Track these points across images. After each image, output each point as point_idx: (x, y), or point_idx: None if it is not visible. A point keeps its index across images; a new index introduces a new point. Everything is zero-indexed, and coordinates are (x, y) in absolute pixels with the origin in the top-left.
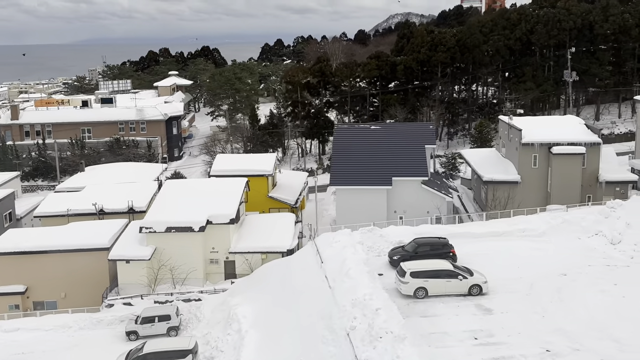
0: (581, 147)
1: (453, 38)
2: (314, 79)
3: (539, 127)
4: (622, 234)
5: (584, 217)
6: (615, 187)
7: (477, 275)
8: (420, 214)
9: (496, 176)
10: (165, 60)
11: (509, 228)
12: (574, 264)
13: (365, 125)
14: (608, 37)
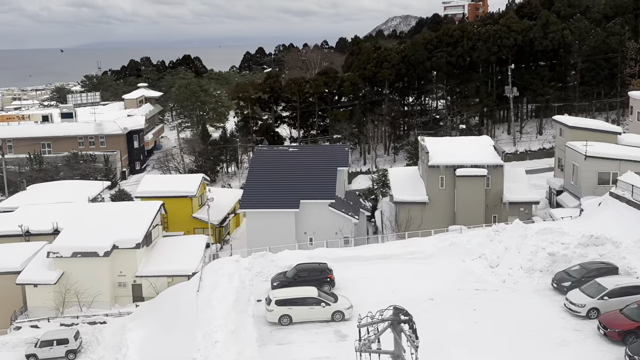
0: (484, 169)
1: (398, 55)
2: (264, 95)
3: (448, 148)
4: (501, 257)
5: (470, 240)
6: (520, 207)
7: (342, 301)
8: (329, 235)
9: (405, 197)
10: (146, 69)
11: (399, 251)
12: (445, 288)
13: (283, 148)
14: (548, 53)
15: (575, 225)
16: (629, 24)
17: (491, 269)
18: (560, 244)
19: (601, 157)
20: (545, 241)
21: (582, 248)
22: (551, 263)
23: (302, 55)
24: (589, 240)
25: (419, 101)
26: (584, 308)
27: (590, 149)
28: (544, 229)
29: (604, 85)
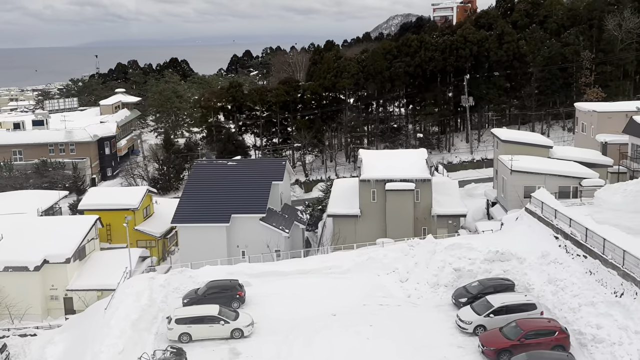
0: (412, 183)
1: (358, 64)
2: (228, 104)
3: (382, 161)
4: (410, 272)
5: (387, 255)
6: (448, 220)
7: (242, 318)
8: (261, 248)
9: (338, 210)
10: (133, 72)
11: (318, 265)
12: (352, 304)
13: (222, 162)
14: (504, 63)
15: (484, 240)
16: (584, 34)
17: (401, 284)
18: (467, 260)
19: (526, 171)
20: (453, 256)
21: (488, 264)
22: (456, 278)
23: (289, 58)
24: (495, 256)
25: (380, 110)
26: (471, 325)
27: (516, 163)
28: (453, 244)
29: (559, 94)
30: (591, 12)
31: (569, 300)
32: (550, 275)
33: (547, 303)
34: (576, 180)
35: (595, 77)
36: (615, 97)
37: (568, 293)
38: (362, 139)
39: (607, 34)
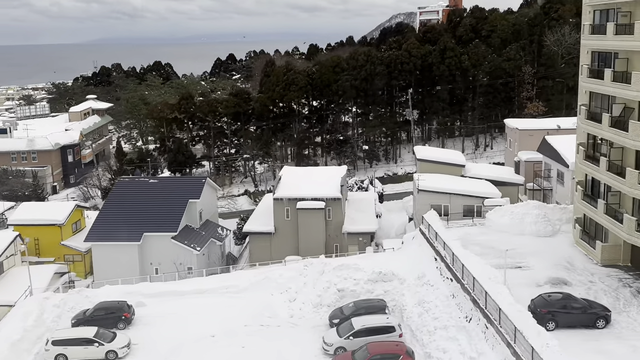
0: (322, 202)
1: (307, 77)
2: (180, 114)
3: (300, 179)
4: (299, 292)
5: (282, 274)
6: (358, 237)
7: (118, 340)
8: (174, 266)
9: (253, 227)
10: (117, 75)
11: (216, 285)
12: (235, 324)
13: (144, 179)
14: (447, 78)
15: (372, 261)
16: (525, 49)
17: (289, 304)
18: (353, 280)
19: (432, 190)
20: (340, 277)
21: (371, 284)
22: (339, 299)
23: (274, 60)
24: (378, 276)
25: (329, 122)
26: (332, 347)
27: (422, 182)
28: (341, 265)
29: (501, 107)
30: (532, 27)
31: (429, 322)
32: (420, 297)
33: (413, 325)
34: (480, 199)
35: (537, 91)
36: (557, 111)
37: (430, 315)
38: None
39: (547, 49)
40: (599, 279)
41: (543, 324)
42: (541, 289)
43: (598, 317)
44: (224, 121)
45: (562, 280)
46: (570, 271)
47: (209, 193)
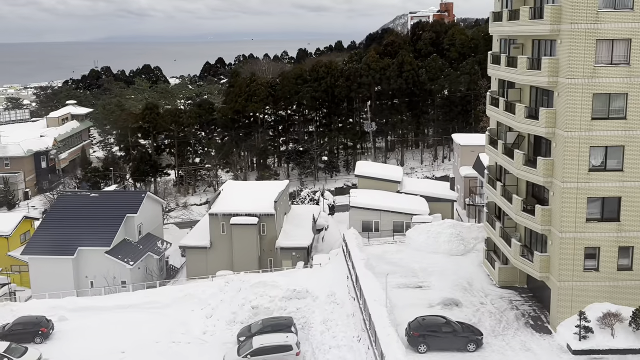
0: (255, 218)
1: (270, 89)
2: (144, 124)
3: (241, 194)
4: (215, 308)
5: (205, 291)
6: (292, 252)
7: (29, 355)
8: (109, 280)
9: (190, 241)
10: (105, 78)
11: (141, 300)
12: (147, 340)
13: (86, 193)
14: (404, 91)
15: (290, 277)
16: (482, 63)
17: (205, 320)
18: (268, 297)
19: (363, 207)
20: (256, 294)
21: (285, 301)
22: (253, 316)
23: (261, 66)
24: (292, 294)
25: (289, 133)
26: None
27: (354, 199)
28: (258, 282)
29: (458, 120)
30: (489, 42)
31: (328, 340)
32: (326, 315)
33: (315, 342)
34: (408, 216)
35: None
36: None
37: (330, 334)
38: (274, 160)
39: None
40: (491, 301)
41: (415, 347)
42: (432, 310)
43: (469, 341)
44: (188, 131)
45: (455, 301)
46: (466, 292)
47: (150, 207)
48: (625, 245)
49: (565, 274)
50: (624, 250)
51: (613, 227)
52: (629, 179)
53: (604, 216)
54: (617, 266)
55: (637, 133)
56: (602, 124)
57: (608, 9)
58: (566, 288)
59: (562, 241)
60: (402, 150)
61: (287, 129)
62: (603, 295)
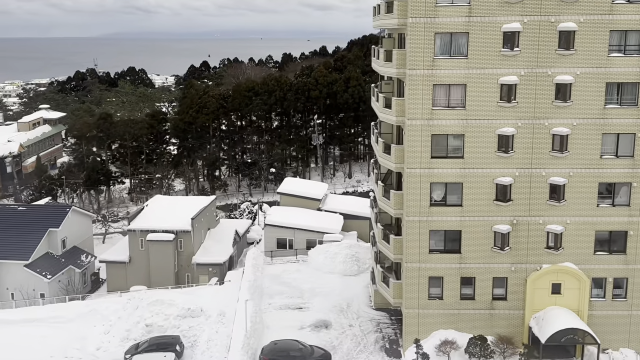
0: (172, 234)
1: (222, 100)
2: (99, 132)
3: (165, 209)
4: (114, 325)
5: (109, 307)
6: (208, 268)
7: None
8: (29, 292)
9: (109, 256)
10: (91, 80)
11: (48, 314)
12: (41, 355)
13: (14, 205)
14: (351, 106)
15: (188, 296)
16: None
17: (103, 336)
18: (163, 315)
19: (277, 225)
20: (152, 312)
21: (180, 319)
22: (146, 333)
23: (244, 71)
24: (187, 312)
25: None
26: None
27: (269, 217)
28: (156, 300)
29: None
30: None
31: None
32: (211, 335)
33: None
34: (320, 234)
35: None
36: None
37: (209, 354)
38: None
39: None
40: (360, 323)
41: None
42: (302, 332)
43: None
44: (141, 140)
45: (327, 323)
46: (342, 313)
47: (77, 221)
48: (467, 275)
49: (411, 302)
50: (466, 280)
51: (455, 258)
52: (468, 214)
53: (447, 248)
54: (460, 295)
55: (474, 171)
56: (441, 162)
57: (445, 4)
58: (412, 315)
59: (408, 270)
60: (349, 164)
61: (239, 140)
62: (447, 323)
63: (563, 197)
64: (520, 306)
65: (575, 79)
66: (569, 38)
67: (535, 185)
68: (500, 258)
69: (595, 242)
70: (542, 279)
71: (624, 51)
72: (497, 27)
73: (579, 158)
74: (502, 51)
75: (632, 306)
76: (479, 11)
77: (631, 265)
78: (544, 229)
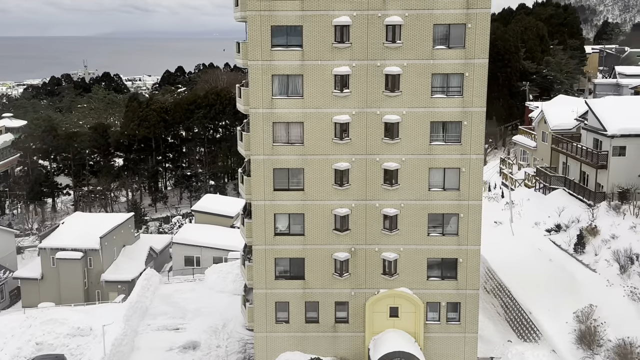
0: (80, 252)
1: (160, 114)
2: (43, 145)
3: (79, 226)
4: (7, 343)
5: (7, 324)
6: (117, 285)
7: None
8: None
9: (22, 272)
10: (67, 85)
11: None
12: None
13: None
14: None
15: (82, 314)
16: None
17: None
18: (55, 334)
19: (185, 243)
20: (44, 330)
21: (69, 338)
22: (36, 351)
23: (218, 77)
24: (77, 331)
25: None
26: None
27: (176, 235)
28: (50, 319)
29: None
30: None
31: None
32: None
33: None
34: (225, 252)
35: None
36: None
37: None
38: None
39: None
40: (227, 344)
41: None
42: (170, 353)
43: None
44: (84, 153)
45: (196, 344)
46: (215, 334)
47: None
48: (311, 300)
49: (260, 325)
50: (311, 304)
51: (300, 284)
52: (309, 242)
53: (292, 274)
54: (305, 319)
55: (314, 202)
56: (283, 194)
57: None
58: (262, 337)
59: (257, 296)
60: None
61: (182, 152)
62: (294, 345)
63: (396, 226)
64: (361, 329)
65: (402, 118)
66: (394, 80)
67: (370, 215)
68: (341, 283)
69: (428, 269)
70: (380, 303)
71: (447, 92)
72: (329, 70)
73: (410, 190)
74: (334, 92)
75: (465, 329)
76: (311, 55)
77: (462, 290)
78: (380, 256)
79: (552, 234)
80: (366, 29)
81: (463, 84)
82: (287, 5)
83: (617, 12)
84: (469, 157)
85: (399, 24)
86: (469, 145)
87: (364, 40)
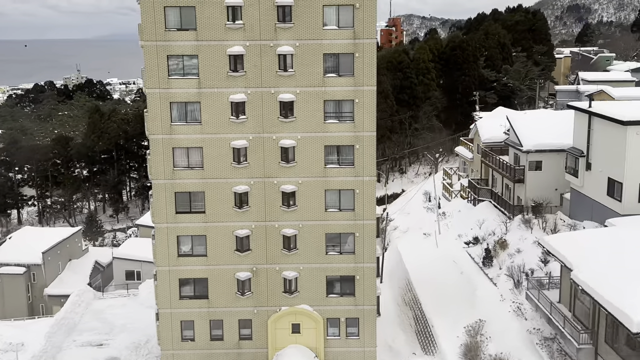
0: (23, 267)
1: (122, 126)
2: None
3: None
4: None
5: None
6: (61, 299)
7: None
8: None
9: None
10: (49, 93)
11: None
12: None
13: None
14: None
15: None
16: None
17: None
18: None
19: (124, 257)
20: None
21: (1, 353)
22: None
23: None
24: (8, 346)
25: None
26: None
27: (118, 250)
28: None
29: None
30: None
31: None
32: None
33: None
34: None
35: None
36: None
37: None
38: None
39: None
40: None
41: None
42: None
43: None
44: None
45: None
46: (136, 350)
47: None
48: (215, 318)
49: (166, 344)
50: (216, 322)
51: (204, 303)
52: (212, 263)
53: (196, 294)
54: (210, 336)
55: (215, 224)
56: (185, 217)
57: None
58: (169, 355)
59: (162, 315)
60: None
61: (142, 164)
62: None
63: (295, 245)
64: (265, 345)
65: (297, 142)
66: (288, 107)
67: (270, 236)
68: (244, 302)
69: (327, 286)
70: (282, 320)
71: (339, 118)
72: (225, 97)
73: (307, 211)
74: (231, 118)
75: (364, 343)
76: (207, 83)
77: (360, 306)
78: (280, 275)
79: (470, 246)
80: (259, 58)
81: (354, 110)
82: (182, 36)
83: (612, 10)
84: (362, 179)
85: (290, 54)
86: (361, 167)
87: (257, 69)
